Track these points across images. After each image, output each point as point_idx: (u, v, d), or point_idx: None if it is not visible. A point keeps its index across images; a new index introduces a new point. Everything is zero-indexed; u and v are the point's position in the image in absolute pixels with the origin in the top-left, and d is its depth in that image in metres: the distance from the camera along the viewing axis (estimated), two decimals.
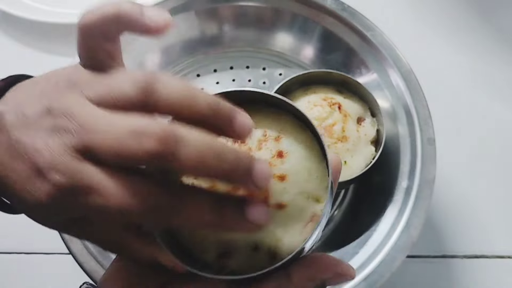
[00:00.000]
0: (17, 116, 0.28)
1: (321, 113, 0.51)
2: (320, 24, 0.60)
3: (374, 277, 0.44)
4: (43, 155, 0.26)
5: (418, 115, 0.52)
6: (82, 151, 0.26)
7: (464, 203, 0.62)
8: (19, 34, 0.72)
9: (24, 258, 0.58)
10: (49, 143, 0.26)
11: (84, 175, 0.25)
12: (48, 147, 0.26)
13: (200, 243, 0.29)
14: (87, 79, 0.28)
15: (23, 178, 0.27)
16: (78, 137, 0.26)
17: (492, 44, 0.72)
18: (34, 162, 0.26)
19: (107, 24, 0.28)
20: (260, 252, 0.28)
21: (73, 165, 0.25)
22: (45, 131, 0.27)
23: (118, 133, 0.24)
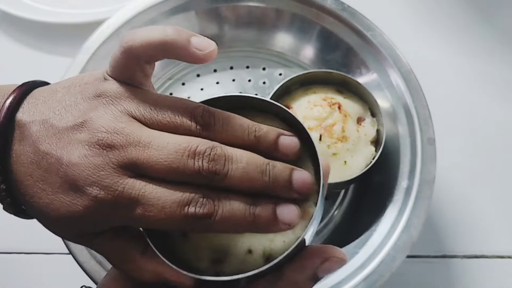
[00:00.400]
0: (44, 127, 0.28)
1: (321, 113, 0.51)
2: (320, 24, 0.60)
3: (374, 277, 0.44)
4: (80, 169, 0.27)
5: (418, 115, 0.52)
6: (126, 166, 0.27)
7: (464, 203, 0.62)
8: (19, 34, 0.72)
9: (24, 258, 0.58)
10: (89, 157, 0.27)
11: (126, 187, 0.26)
12: (87, 161, 0.27)
13: (194, 252, 0.30)
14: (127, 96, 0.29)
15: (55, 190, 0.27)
16: (126, 152, 0.27)
17: (492, 44, 0.72)
18: (68, 175, 0.27)
19: (154, 50, 0.29)
20: (254, 255, 0.29)
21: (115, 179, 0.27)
22: (83, 146, 0.27)
23: (174, 150, 0.27)
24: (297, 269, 0.29)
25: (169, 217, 0.26)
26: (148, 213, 0.26)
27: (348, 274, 0.45)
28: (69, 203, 0.27)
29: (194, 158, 0.27)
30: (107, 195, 0.26)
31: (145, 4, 0.59)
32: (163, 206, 0.26)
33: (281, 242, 0.29)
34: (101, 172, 0.27)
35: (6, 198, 0.30)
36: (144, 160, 0.27)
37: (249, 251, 0.29)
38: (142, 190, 0.27)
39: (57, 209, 0.27)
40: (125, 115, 0.28)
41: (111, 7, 0.71)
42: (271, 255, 0.29)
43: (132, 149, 0.27)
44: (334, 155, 0.50)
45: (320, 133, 0.50)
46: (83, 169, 0.27)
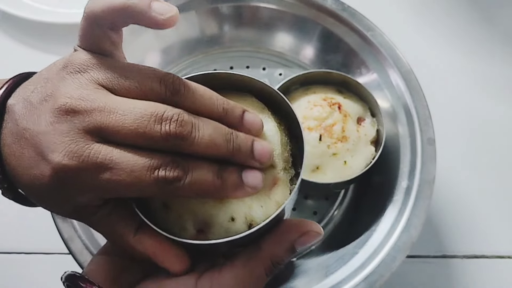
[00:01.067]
0: (24, 105, 0.29)
1: (321, 113, 0.51)
2: (320, 24, 0.60)
3: (374, 277, 0.44)
4: (45, 137, 0.27)
5: (418, 115, 0.52)
6: (92, 131, 0.27)
7: (464, 203, 0.62)
8: (19, 34, 0.72)
9: (24, 258, 0.58)
10: (54, 124, 0.27)
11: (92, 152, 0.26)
12: (51, 128, 0.27)
13: (177, 223, 0.31)
14: (94, 64, 0.29)
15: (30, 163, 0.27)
16: (90, 117, 0.27)
17: (492, 44, 0.72)
18: (37, 145, 0.27)
19: (115, 15, 0.29)
20: (237, 223, 0.30)
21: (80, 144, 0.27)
22: (48, 113, 0.27)
23: (141, 115, 0.27)
24: (275, 242, 0.31)
25: (138, 181, 0.27)
26: (116, 177, 0.26)
27: (348, 274, 0.45)
28: (40, 175, 0.27)
29: (161, 123, 0.27)
30: (71, 161, 0.26)
31: None
32: (132, 169, 0.27)
33: (259, 207, 0.30)
34: (65, 138, 0.27)
35: (3, 182, 0.30)
36: (109, 125, 0.27)
37: (231, 219, 0.30)
38: (109, 154, 0.27)
39: (35, 183, 0.28)
40: (91, 82, 0.28)
41: None
42: (253, 221, 0.30)
43: (97, 114, 0.27)
44: (334, 155, 0.50)
45: (320, 133, 0.50)
46: (49, 136, 0.27)
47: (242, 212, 0.30)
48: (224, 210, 0.30)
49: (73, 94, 0.28)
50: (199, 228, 0.31)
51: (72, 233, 0.45)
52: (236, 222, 0.30)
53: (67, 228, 0.46)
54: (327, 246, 0.53)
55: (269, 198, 0.31)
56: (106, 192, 0.27)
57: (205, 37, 0.63)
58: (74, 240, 0.45)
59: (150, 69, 0.29)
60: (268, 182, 0.31)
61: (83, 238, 0.45)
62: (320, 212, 0.57)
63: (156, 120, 0.27)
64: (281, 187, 0.32)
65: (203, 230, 0.30)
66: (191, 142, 0.28)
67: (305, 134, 0.50)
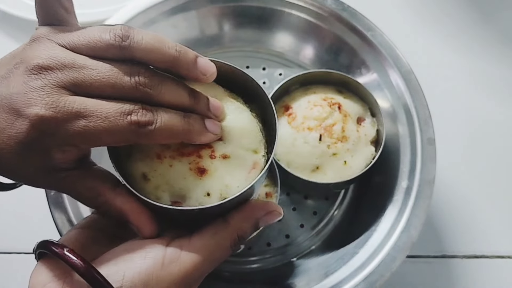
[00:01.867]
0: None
1: (321, 113, 0.51)
2: (320, 24, 0.60)
3: (374, 277, 0.44)
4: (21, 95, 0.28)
5: (418, 115, 0.52)
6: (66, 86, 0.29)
7: (464, 203, 0.62)
8: (19, 34, 0.72)
9: (24, 258, 0.58)
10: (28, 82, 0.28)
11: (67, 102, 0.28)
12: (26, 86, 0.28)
13: (154, 192, 0.33)
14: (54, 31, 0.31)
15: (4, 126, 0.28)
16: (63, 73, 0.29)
17: (492, 45, 0.72)
18: (11, 105, 0.28)
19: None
20: (212, 198, 0.33)
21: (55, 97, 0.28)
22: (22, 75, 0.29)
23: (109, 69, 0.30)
24: (243, 218, 0.34)
25: (113, 125, 0.29)
26: (92, 124, 0.28)
27: (348, 274, 0.45)
28: (15, 134, 0.28)
29: (131, 75, 0.30)
30: (47, 111, 0.28)
31: (145, 4, 0.59)
32: (106, 115, 0.29)
33: (236, 187, 0.33)
34: (41, 92, 0.28)
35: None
36: (82, 79, 0.29)
37: (207, 194, 0.33)
38: (84, 104, 0.28)
39: (8, 145, 0.28)
40: (56, 44, 0.30)
41: (111, 7, 0.71)
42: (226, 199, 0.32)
43: (69, 70, 0.29)
44: (334, 155, 0.50)
45: (320, 133, 0.50)
46: (24, 94, 0.28)
47: (218, 189, 0.33)
48: (202, 185, 0.33)
49: (43, 55, 0.29)
50: (174, 200, 0.33)
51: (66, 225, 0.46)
52: (211, 197, 0.33)
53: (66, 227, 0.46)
54: (327, 246, 0.53)
55: (245, 180, 0.34)
56: (83, 140, 0.29)
57: (205, 37, 0.63)
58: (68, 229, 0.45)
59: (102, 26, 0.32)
60: (247, 165, 0.34)
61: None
62: (320, 212, 0.57)
63: (125, 73, 0.30)
64: (258, 171, 0.34)
65: (178, 202, 0.33)
66: (159, 91, 0.31)
67: (305, 134, 0.50)
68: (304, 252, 0.54)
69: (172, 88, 0.31)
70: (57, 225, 0.46)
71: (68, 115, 0.28)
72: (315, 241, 0.55)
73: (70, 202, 0.47)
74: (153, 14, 0.59)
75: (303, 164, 0.50)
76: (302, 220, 0.56)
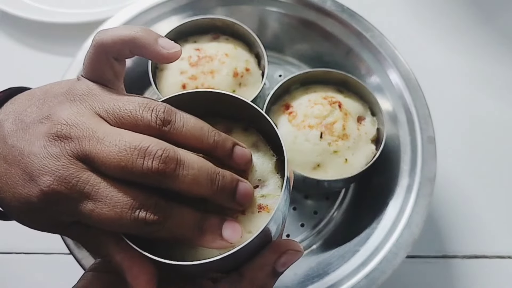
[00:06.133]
0: (15, 123, 0.29)
1: (321, 111, 0.51)
2: (320, 25, 0.61)
3: (376, 274, 0.44)
4: (38, 159, 0.27)
5: (418, 114, 0.53)
6: (82, 159, 0.27)
7: (465, 203, 0.62)
8: (19, 34, 0.72)
9: (24, 258, 0.57)
10: (47, 148, 0.28)
11: (80, 181, 0.27)
12: (45, 151, 0.28)
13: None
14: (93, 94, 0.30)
15: (16, 181, 0.28)
16: (80, 145, 0.27)
17: (491, 45, 0.73)
18: (27, 166, 0.28)
19: (123, 45, 0.31)
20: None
21: (70, 171, 0.27)
22: (43, 137, 0.28)
23: (124, 147, 0.27)
24: (256, 268, 0.30)
25: (118, 217, 0.27)
26: (97, 210, 0.27)
27: (350, 272, 0.45)
28: (26, 195, 0.28)
29: (144, 158, 0.27)
30: (60, 186, 0.27)
31: (145, 5, 0.59)
32: (114, 205, 0.27)
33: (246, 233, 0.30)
34: (57, 162, 0.27)
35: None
36: (95, 154, 0.27)
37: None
38: (96, 186, 0.27)
39: (18, 201, 0.28)
40: (88, 110, 0.29)
41: (111, 7, 0.71)
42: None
43: (86, 142, 0.27)
44: (335, 153, 0.50)
45: (321, 131, 0.50)
46: (41, 159, 0.27)
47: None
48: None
49: (69, 121, 0.28)
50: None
51: None
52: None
53: None
54: (328, 245, 0.53)
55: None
56: (86, 219, 0.28)
57: None
58: None
59: (145, 99, 0.30)
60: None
61: None
62: (321, 212, 0.57)
63: (139, 154, 0.27)
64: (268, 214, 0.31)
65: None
66: (174, 179, 0.28)
67: (305, 131, 0.51)
68: (305, 251, 0.54)
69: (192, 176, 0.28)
70: None
71: (78, 194, 0.27)
72: (316, 240, 0.55)
73: None
74: (153, 14, 0.59)
75: (304, 161, 0.50)
76: (303, 219, 0.56)
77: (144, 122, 0.29)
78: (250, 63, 0.56)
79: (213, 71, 0.54)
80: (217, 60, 0.54)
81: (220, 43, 0.57)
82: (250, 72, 0.56)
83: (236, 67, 0.55)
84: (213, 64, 0.54)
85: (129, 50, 0.32)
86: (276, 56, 0.66)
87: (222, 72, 0.54)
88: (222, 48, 0.56)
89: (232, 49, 0.56)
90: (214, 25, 0.58)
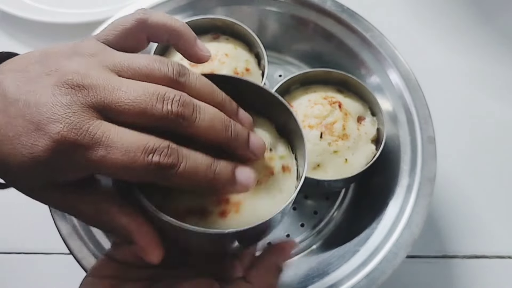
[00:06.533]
0: (16, 79, 0.28)
1: (321, 111, 0.51)
2: (319, 25, 0.61)
3: (376, 274, 0.44)
4: (46, 108, 0.26)
5: (418, 114, 0.53)
6: (95, 107, 0.27)
7: (465, 203, 0.62)
8: (19, 34, 0.72)
9: (24, 258, 0.57)
10: (57, 96, 0.27)
11: (91, 127, 0.26)
12: (54, 99, 0.27)
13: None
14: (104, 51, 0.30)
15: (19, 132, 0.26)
16: (95, 93, 0.27)
17: (490, 45, 0.73)
18: (33, 116, 0.26)
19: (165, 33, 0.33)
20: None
21: (81, 118, 0.26)
22: (52, 86, 0.27)
23: (143, 92, 0.27)
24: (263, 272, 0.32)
25: (131, 162, 0.26)
26: (110, 155, 0.26)
27: (350, 272, 0.45)
28: (31, 145, 0.26)
29: (163, 102, 0.27)
30: (70, 133, 0.26)
31: (145, 5, 0.59)
32: (127, 150, 0.26)
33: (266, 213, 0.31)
34: (67, 110, 0.26)
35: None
36: (112, 101, 0.27)
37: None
38: (107, 132, 0.26)
39: (20, 154, 0.26)
40: (99, 64, 0.29)
41: (111, 7, 0.71)
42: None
43: (101, 90, 0.27)
44: (335, 153, 0.50)
45: (321, 131, 0.50)
46: (50, 107, 0.26)
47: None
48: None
49: (80, 71, 0.28)
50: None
51: (70, 230, 0.45)
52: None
53: (65, 225, 0.45)
54: (328, 245, 0.53)
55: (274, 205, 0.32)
56: (97, 169, 0.27)
57: None
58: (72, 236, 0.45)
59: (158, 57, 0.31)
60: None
61: (82, 235, 0.45)
62: (321, 212, 0.57)
63: (158, 98, 0.27)
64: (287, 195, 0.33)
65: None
66: (191, 123, 0.28)
67: (305, 131, 0.51)
68: (305, 251, 0.54)
69: (209, 120, 0.29)
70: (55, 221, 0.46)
71: (89, 141, 0.26)
72: (316, 240, 0.55)
73: None
74: None
75: None
76: (303, 219, 0.56)
77: (161, 73, 0.29)
78: (250, 63, 0.56)
79: (213, 71, 0.54)
80: (217, 60, 0.54)
81: (220, 43, 0.57)
82: (250, 72, 0.56)
83: (236, 67, 0.55)
84: (213, 64, 0.54)
85: (167, 39, 0.33)
86: (276, 56, 0.66)
87: (222, 72, 0.54)
88: (222, 48, 0.56)
89: (232, 49, 0.56)
90: (214, 25, 0.58)
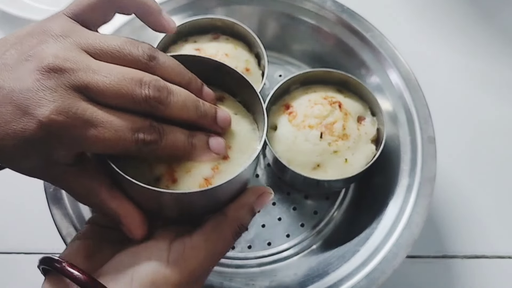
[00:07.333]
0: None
1: (321, 111, 0.51)
2: (319, 25, 0.61)
3: (376, 274, 0.44)
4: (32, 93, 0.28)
5: (418, 114, 0.53)
6: (79, 89, 0.28)
7: (464, 203, 0.62)
8: None
9: (24, 258, 0.57)
10: (41, 81, 0.28)
11: (79, 109, 0.28)
12: (39, 84, 0.28)
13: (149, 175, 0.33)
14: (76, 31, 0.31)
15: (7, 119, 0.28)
16: (76, 76, 0.28)
17: (491, 45, 0.73)
18: (21, 101, 0.28)
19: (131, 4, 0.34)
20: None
21: (68, 101, 0.28)
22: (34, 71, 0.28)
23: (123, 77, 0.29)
24: (238, 207, 0.35)
25: (121, 140, 0.29)
26: (101, 135, 0.28)
27: (350, 272, 0.45)
28: (22, 129, 0.28)
29: (141, 86, 0.30)
30: (59, 116, 0.27)
31: None
32: (116, 129, 0.29)
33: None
34: (53, 93, 0.28)
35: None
36: (94, 84, 0.29)
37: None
38: (95, 113, 0.28)
39: (12, 139, 0.28)
40: (74, 46, 0.30)
41: None
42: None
43: (82, 73, 0.29)
44: (335, 153, 0.50)
45: (321, 131, 0.50)
46: (36, 92, 0.28)
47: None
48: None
49: (58, 55, 0.29)
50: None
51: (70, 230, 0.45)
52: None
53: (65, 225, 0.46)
54: (328, 245, 0.53)
55: None
56: (88, 147, 0.29)
57: None
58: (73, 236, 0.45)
59: (128, 38, 0.32)
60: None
61: None
62: (321, 212, 0.57)
63: (136, 83, 0.30)
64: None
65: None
66: (167, 105, 0.31)
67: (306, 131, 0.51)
68: (305, 251, 0.54)
69: (180, 101, 0.32)
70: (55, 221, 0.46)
71: (79, 122, 0.28)
72: (316, 240, 0.55)
73: (68, 199, 0.47)
74: None
75: (304, 161, 0.50)
76: (303, 219, 0.56)
77: (133, 57, 0.31)
78: (250, 63, 0.56)
79: None
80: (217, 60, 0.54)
81: (220, 43, 0.57)
82: (250, 72, 0.56)
83: (236, 67, 0.55)
84: None
85: (134, 11, 0.35)
86: (276, 56, 0.66)
87: None
88: (222, 48, 0.56)
89: (232, 49, 0.56)
90: (214, 25, 0.58)
